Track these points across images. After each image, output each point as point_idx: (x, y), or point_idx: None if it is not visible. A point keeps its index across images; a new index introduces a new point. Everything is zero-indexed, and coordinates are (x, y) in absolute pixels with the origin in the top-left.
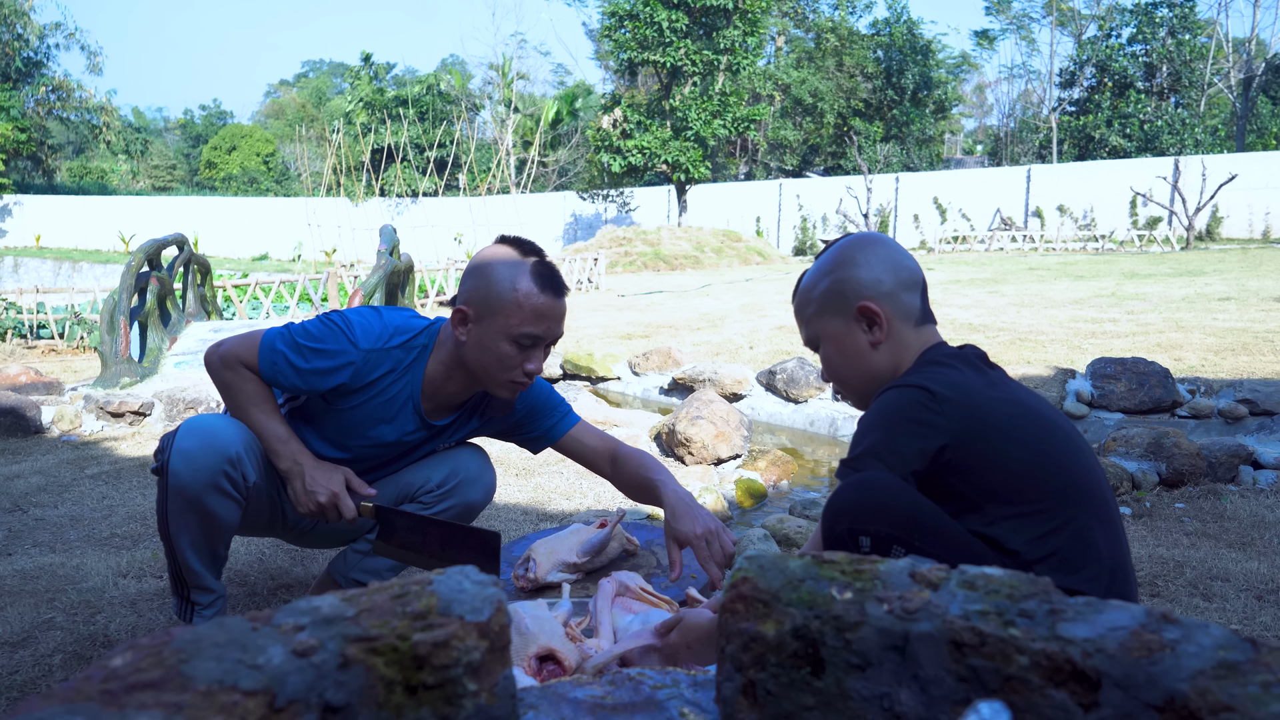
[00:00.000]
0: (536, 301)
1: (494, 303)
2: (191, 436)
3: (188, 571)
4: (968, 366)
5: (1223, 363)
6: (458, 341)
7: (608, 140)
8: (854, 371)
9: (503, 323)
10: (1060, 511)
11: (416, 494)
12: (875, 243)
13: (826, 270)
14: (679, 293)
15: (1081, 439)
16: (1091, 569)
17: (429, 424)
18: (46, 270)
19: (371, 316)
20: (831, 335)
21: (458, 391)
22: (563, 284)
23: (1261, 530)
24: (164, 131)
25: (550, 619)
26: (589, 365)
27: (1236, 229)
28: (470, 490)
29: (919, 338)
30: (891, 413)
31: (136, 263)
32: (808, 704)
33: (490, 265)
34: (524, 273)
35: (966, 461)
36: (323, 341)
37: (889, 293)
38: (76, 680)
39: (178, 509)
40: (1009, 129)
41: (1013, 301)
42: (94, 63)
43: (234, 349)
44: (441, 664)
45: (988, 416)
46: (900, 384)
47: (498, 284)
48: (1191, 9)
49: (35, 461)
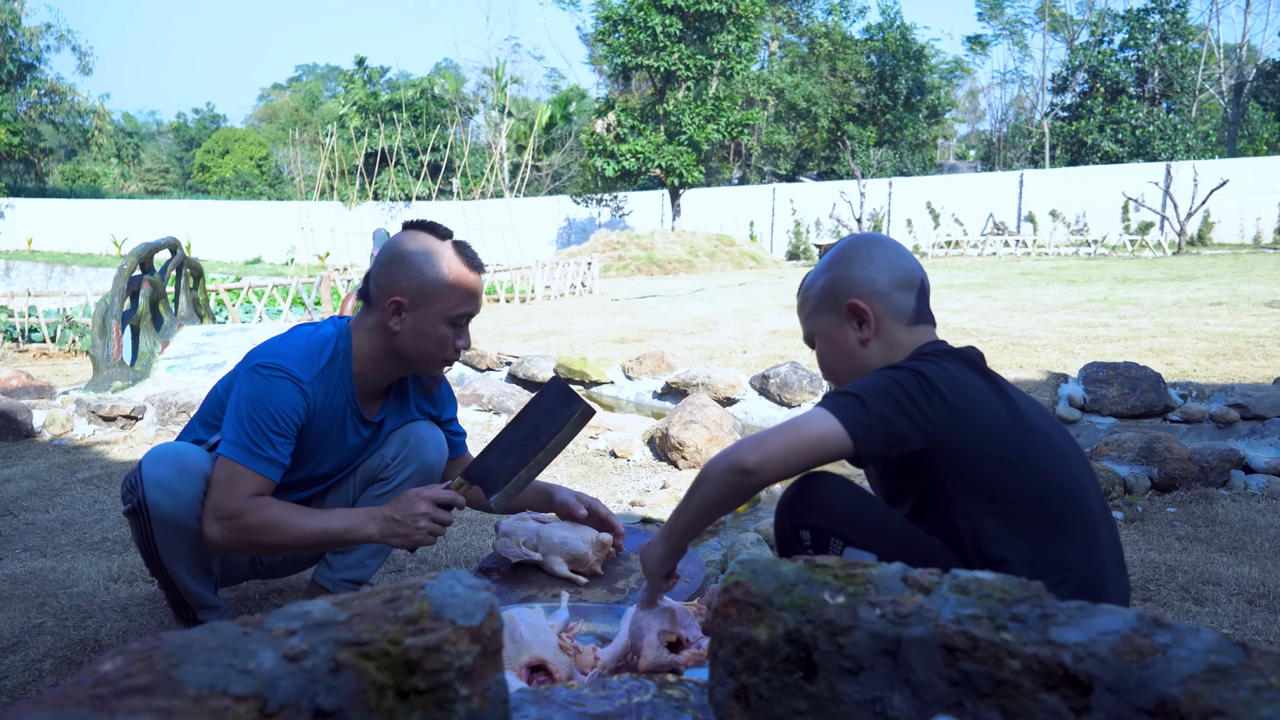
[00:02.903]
0: (469, 280)
1: (429, 288)
2: (161, 466)
3: (189, 595)
4: (963, 364)
5: (1214, 367)
6: (389, 332)
7: (601, 144)
8: (844, 367)
9: (440, 306)
10: (1029, 517)
11: (378, 473)
12: (875, 242)
13: (825, 268)
14: (672, 297)
15: (1072, 448)
16: (1053, 577)
17: (369, 421)
18: (38, 274)
19: (289, 346)
20: (824, 332)
21: (384, 381)
22: (480, 259)
23: (1253, 534)
24: (157, 135)
25: (546, 628)
26: (582, 369)
27: (1228, 234)
28: (425, 450)
29: (911, 337)
30: (885, 379)
31: (129, 266)
32: (800, 708)
33: (415, 253)
34: (450, 255)
35: (946, 453)
36: (275, 417)
37: (880, 291)
38: (67, 685)
39: (165, 538)
40: (1002, 134)
41: (1005, 306)
42: (84, 63)
43: (220, 503)
44: (433, 669)
45: (974, 413)
46: (898, 365)
47: (429, 270)
48: (1183, 15)
49: (26, 465)
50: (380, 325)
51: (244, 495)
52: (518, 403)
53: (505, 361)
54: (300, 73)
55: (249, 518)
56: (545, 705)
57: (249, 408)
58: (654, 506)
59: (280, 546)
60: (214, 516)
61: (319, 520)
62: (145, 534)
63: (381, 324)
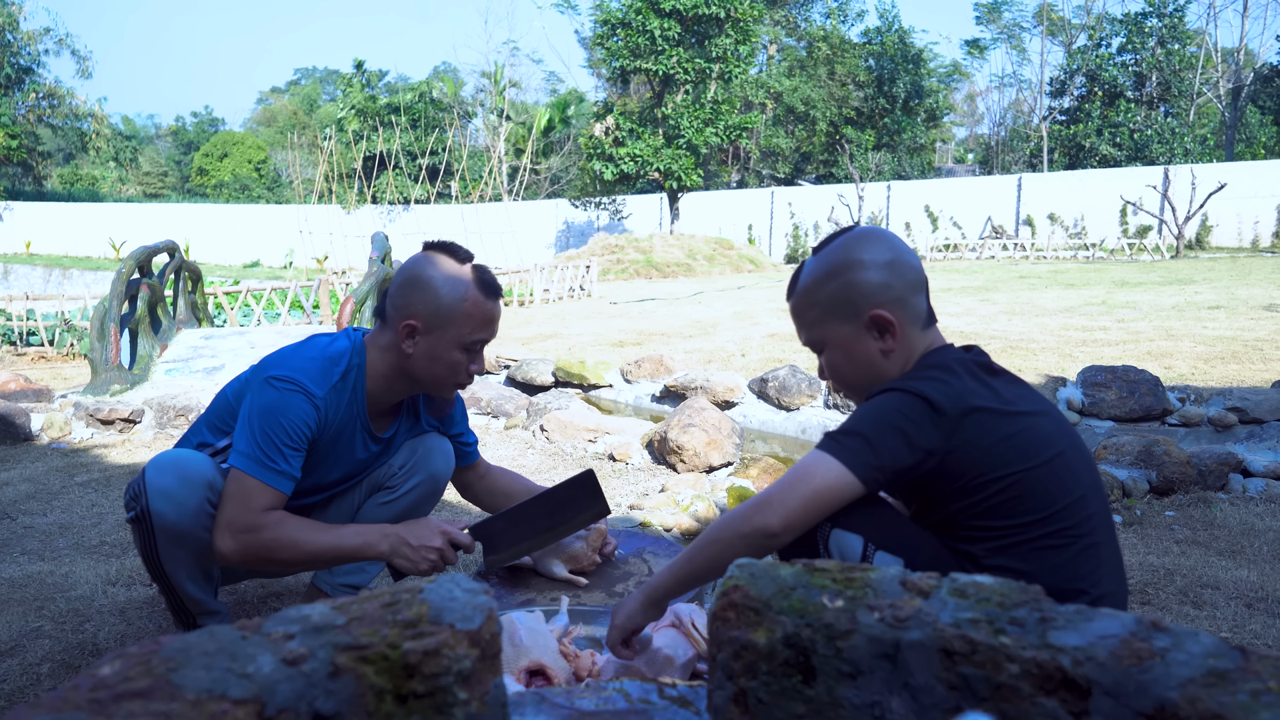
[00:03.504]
0: (486, 308)
1: (445, 314)
2: (165, 474)
3: (190, 601)
4: (969, 375)
5: (1212, 371)
6: (402, 354)
7: (600, 148)
8: (862, 377)
9: (455, 333)
10: (1027, 530)
11: (385, 481)
12: (879, 239)
13: (831, 271)
14: (671, 300)
15: (1077, 455)
16: (1050, 589)
17: (379, 438)
18: (36, 277)
19: (303, 359)
20: (839, 342)
21: (394, 399)
22: (499, 286)
23: (1251, 538)
24: (156, 138)
25: (545, 633)
26: (581, 373)
27: (1226, 238)
28: (433, 461)
29: (924, 340)
30: (890, 410)
31: (127, 270)
32: (799, 712)
33: (434, 278)
34: (469, 282)
35: (952, 470)
36: (288, 430)
37: (899, 298)
38: (65, 689)
39: (168, 547)
40: (1000, 138)
41: (1004, 309)
42: (84, 67)
43: (234, 517)
44: (432, 672)
45: (984, 434)
46: (902, 387)
47: (446, 295)
48: (1181, 19)
49: (24, 469)
50: (394, 346)
51: (258, 510)
52: (516, 406)
53: (504, 365)
54: (299, 76)
55: (263, 533)
56: (543, 708)
57: (261, 420)
58: (653, 510)
59: (293, 563)
60: (227, 531)
61: (332, 536)
62: (148, 542)
63: (395, 345)
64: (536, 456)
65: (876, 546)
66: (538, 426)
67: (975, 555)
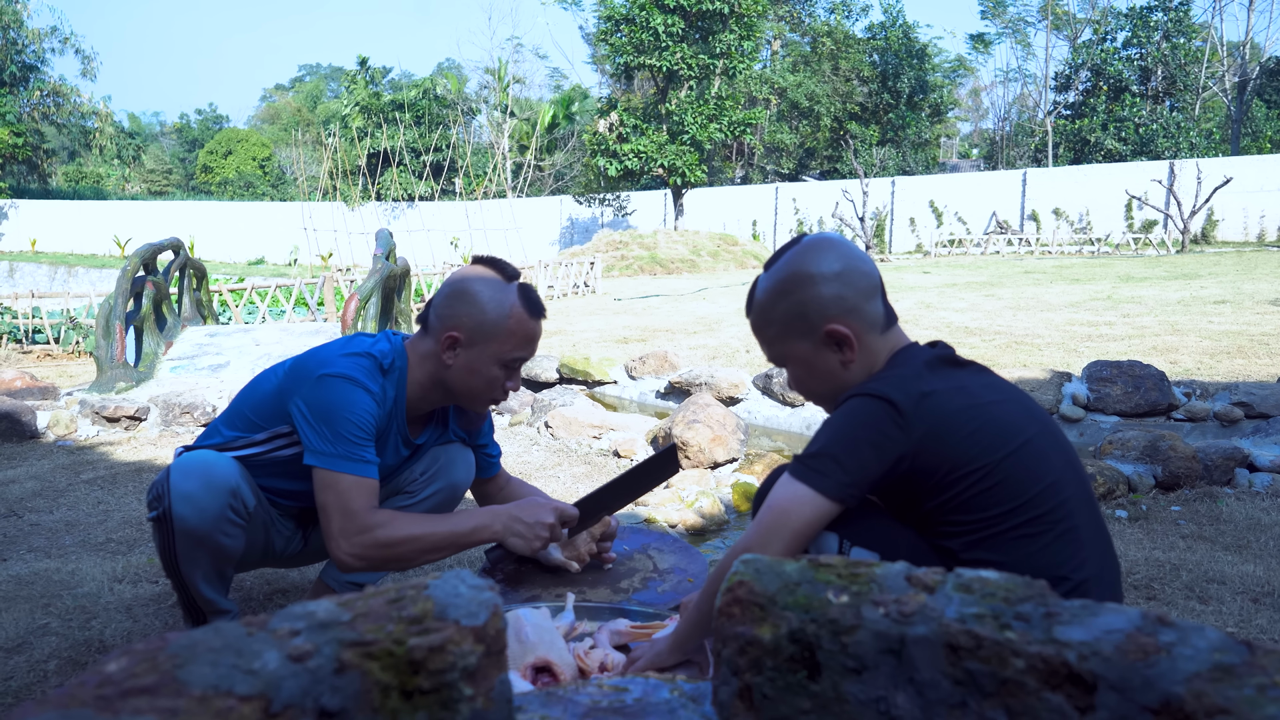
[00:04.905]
0: (529, 327)
1: (488, 329)
2: (189, 478)
3: (203, 601)
4: (933, 374)
5: (1218, 365)
6: (441, 364)
7: (604, 144)
8: (826, 388)
9: (496, 348)
10: (1001, 522)
11: (405, 486)
12: (827, 249)
13: (783, 289)
14: (675, 296)
15: (1049, 442)
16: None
17: (412, 443)
18: (42, 275)
19: (351, 358)
20: (799, 357)
21: (428, 407)
22: (543, 306)
23: (1257, 533)
24: (160, 136)
25: (551, 629)
26: (585, 369)
27: (1231, 232)
28: (454, 470)
29: (886, 343)
30: (855, 422)
31: (132, 267)
32: (804, 708)
33: (479, 292)
34: (514, 299)
35: (922, 469)
36: (357, 422)
37: (853, 308)
38: (71, 686)
39: (187, 550)
40: (1004, 132)
41: (1009, 305)
42: (89, 67)
43: (343, 526)
44: (437, 668)
45: (949, 429)
46: (867, 392)
47: (490, 311)
48: (1186, 13)
49: (30, 466)
50: (434, 355)
51: (363, 510)
52: (520, 402)
53: None
54: (303, 73)
55: (380, 533)
56: (550, 703)
57: (330, 416)
58: (657, 506)
59: (415, 557)
60: (343, 540)
61: (447, 524)
62: (168, 543)
63: (435, 354)
64: (541, 453)
65: (852, 543)
66: (542, 423)
67: (953, 550)
